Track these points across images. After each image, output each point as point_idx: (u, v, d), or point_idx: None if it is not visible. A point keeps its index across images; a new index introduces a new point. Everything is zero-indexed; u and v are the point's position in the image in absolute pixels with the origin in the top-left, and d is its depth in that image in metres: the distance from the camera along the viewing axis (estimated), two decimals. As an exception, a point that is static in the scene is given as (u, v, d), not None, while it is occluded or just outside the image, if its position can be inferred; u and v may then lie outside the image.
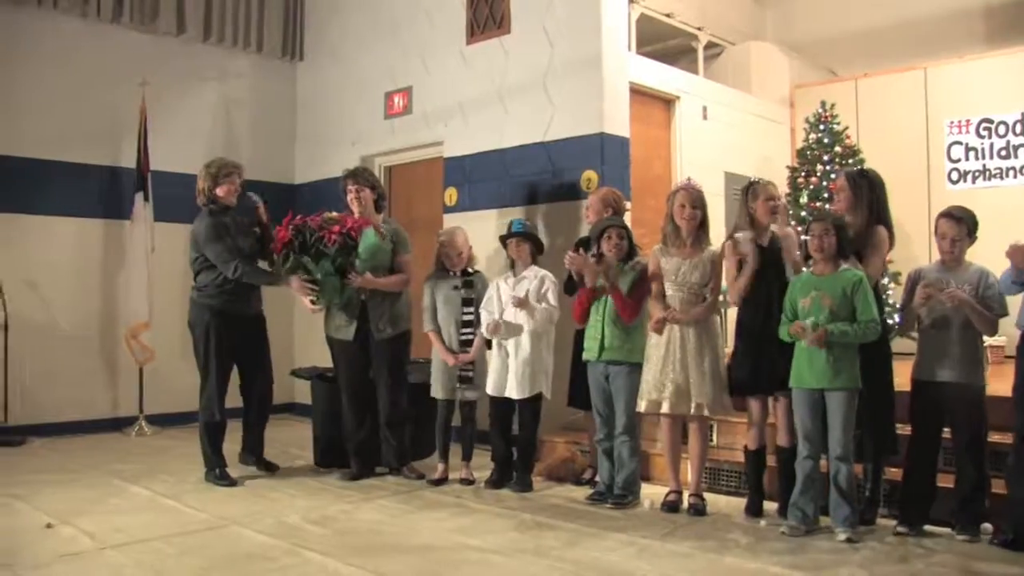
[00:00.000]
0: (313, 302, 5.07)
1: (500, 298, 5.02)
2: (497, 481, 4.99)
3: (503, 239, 5.14)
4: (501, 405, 5.02)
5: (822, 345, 3.85)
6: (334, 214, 5.07)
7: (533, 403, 4.96)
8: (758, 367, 4.24)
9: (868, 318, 3.88)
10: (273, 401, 5.61)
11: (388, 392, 5.19)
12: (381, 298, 5.14)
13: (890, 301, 6.44)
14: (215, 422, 5.13)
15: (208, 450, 5.17)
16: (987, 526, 3.84)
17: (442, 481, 5.07)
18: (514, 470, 5.01)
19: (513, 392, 4.90)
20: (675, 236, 4.48)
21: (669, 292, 4.44)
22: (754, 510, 4.31)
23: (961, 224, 3.95)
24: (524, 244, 5.04)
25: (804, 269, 4.13)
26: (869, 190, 4.20)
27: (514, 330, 4.92)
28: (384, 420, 5.21)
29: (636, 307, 4.53)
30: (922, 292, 3.89)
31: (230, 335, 5.14)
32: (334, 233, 4.86)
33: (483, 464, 5.21)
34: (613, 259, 4.54)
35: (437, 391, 5.16)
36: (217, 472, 5.11)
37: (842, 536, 3.81)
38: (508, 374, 4.93)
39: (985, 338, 3.96)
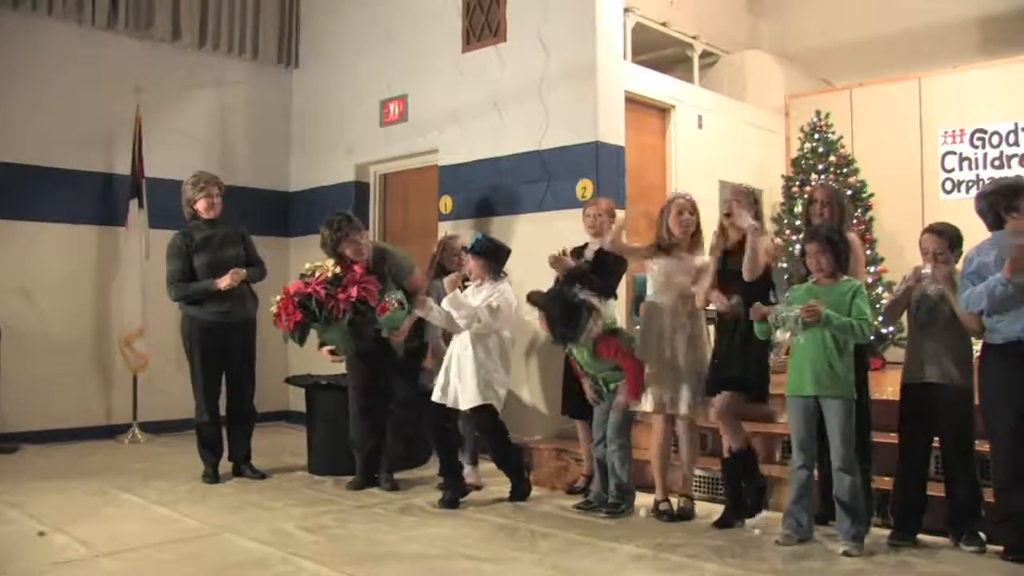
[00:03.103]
0: (332, 353, 5.07)
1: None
2: (449, 500, 4.73)
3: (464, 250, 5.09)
4: (439, 412, 4.87)
5: (816, 315, 3.79)
6: (329, 266, 4.90)
7: (481, 415, 4.79)
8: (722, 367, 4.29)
9: (864, 317, 3.88)
10: (257, 410, 5.65)
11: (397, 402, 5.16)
12: None
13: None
14: (202, 423, 5.38)
15: (199, 449, 5.43)
16: (982, 536, 3.83)
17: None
18: (511, 480, 4.94)
19: (458, 402, 4.79)
20: (668, 241, 4.52)
21: (658, 294, 4.50)
22: (722, 521, 4.26)
23: (943, 237, 3.95)
24: (474, 260, 4.87)
25: (808, 279, 4.12)
26: (839, 204, 4.31)
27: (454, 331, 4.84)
28: (391, 429, 5.18)
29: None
30: (914, 273, 3.94)
31: (210, 342, 5.32)
32: (341, 302, 4.77)
33: (483, 471, 5.21)
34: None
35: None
36: (205, 470, 5.37)
37: (842, 549, 3.78)
38: (457, 383, 4.79)
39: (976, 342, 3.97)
